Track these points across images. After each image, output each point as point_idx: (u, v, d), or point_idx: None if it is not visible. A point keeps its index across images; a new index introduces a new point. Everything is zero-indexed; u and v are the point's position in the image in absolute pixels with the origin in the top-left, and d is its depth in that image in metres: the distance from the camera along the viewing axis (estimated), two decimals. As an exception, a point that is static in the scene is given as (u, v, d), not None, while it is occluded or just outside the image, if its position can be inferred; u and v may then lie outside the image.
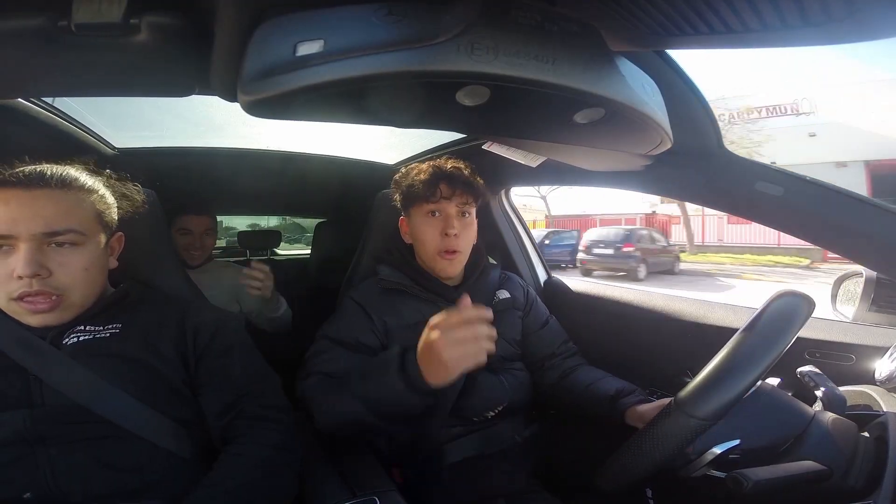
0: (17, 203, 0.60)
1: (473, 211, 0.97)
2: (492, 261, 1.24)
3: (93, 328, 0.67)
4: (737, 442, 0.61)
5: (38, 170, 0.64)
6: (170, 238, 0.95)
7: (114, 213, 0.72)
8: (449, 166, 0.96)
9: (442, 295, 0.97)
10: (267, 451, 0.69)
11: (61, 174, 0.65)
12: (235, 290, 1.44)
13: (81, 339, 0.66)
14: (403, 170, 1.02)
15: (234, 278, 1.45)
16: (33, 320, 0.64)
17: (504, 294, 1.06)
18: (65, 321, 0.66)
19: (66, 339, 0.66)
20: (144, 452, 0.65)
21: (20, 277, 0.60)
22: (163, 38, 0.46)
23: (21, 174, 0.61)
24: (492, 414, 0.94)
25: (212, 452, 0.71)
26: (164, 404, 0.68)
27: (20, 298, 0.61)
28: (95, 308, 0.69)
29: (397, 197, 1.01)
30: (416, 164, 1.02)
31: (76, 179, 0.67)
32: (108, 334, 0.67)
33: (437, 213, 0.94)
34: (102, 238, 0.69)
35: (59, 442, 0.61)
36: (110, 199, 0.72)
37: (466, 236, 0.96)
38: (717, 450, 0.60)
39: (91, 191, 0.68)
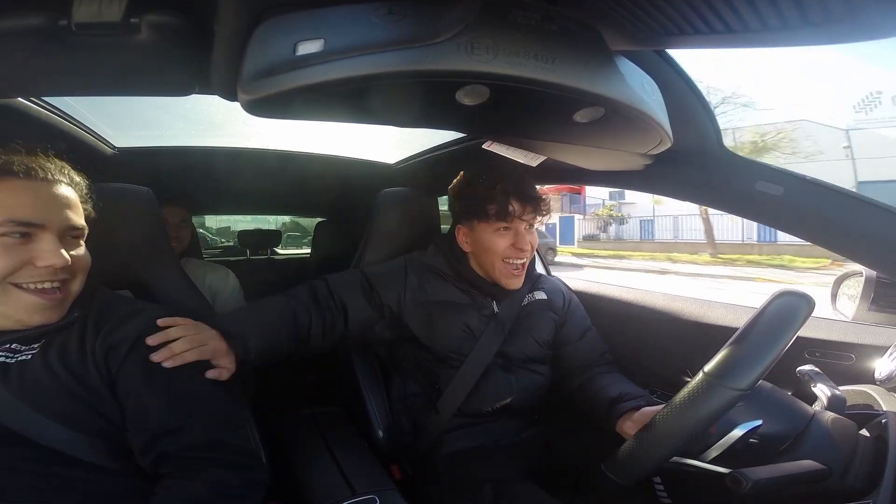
0: (46, 194, 0.61)
1: None
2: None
3: (17, 346, 0.62)
4: (759, 422, 0.59)
5: (58, 166, 0.65)
6: (168, 238, 0.94)
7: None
8: (517, 181, 0.94)
9: (480, 288, 0.99)
10: (206, 492, 0.59)
11: (71, 174, 0.66)
12: (212, 292, 1.43)
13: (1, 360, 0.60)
14: (463, 177, 1.00)
15: (213, 279, 1.44)
16: (40, 316, 0.62)
17: (540, 295, 1.06)
18: (52, 321, 0.63)
19: None
20: (76, 472, 0.59)
21: (47, 267, 0.59)
22: (163, 38, 0.46)
23: (43, 170, 0.62)
24: (489, 409, 0.95)
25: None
26: (96, 427, 0.61)
27: (32, 290, 0.60)
28: None
29: (455, 205, 1.00)
30: (473, 175, 0.98)
31: (79, 182, 0.68)
32: (28, 356, 0.61)
33: (508, 229, 0.94)
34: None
35: None
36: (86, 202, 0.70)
37: (533, 245, 0.97)
38: (739, 431, 0.59)
39: (85, 193, 0.69)
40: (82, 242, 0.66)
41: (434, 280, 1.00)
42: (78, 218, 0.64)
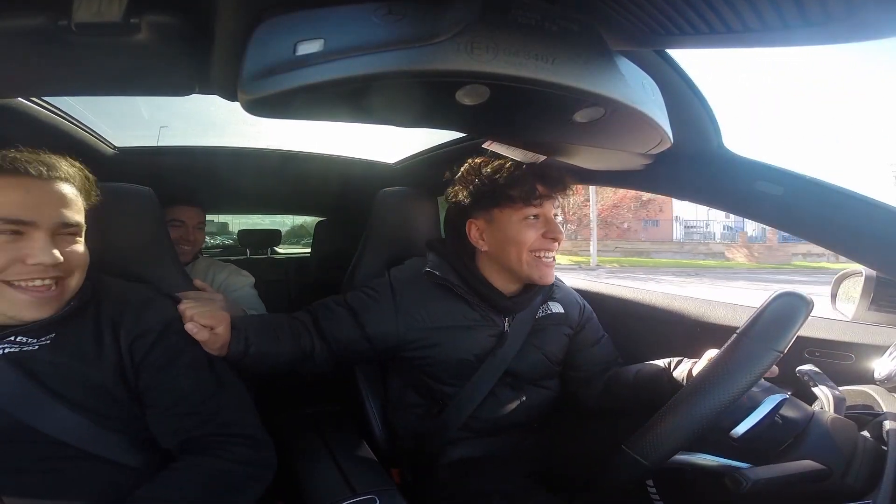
0: (38, 191, 0.61)
1: None
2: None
3: (23, 339, 0.62)
4: (787, 395, 0.61)
5: (51, 162, 0.64)
6: (169, 237, 0.94)
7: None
8: (540, 160, 0.86)
9: (494, 304, 0.90)
10: (227, 464, 0.64)
11: (68, 170, 0.66)
12: (223, 290, 1.43)
13: (7, 350, 0.61)
14: (470, 164, 0.93)
15: (226, 278, 1.44)
16: (32, 313, 0.61)
17: (557, 308, 0.98)
18: (46, 315, 0.63)
19: None
20: (92, 468, 0.61)
21: (36, 265, 0.59)
22: (163, 38, 0.46)
23: (38, 166, 0.62)
24: (496, 426, 0.92)
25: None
26: (112, 416, 0.63)
27: (23, 287, 0.59)
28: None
29: (462, 195, 0.91)
30: (484, 158, 0.91)
31: (75, 176, 0.67)
32: (35, 347, 0.62)
33: (536, 217, 0.86)
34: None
35: None
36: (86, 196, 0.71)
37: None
38: (768, 405, 0.60)
39: (83, 185, 0.69)
40: (79, 239, 0.66)
41: (436, 297, 0.90)
42: (72, 214, 0.64)
